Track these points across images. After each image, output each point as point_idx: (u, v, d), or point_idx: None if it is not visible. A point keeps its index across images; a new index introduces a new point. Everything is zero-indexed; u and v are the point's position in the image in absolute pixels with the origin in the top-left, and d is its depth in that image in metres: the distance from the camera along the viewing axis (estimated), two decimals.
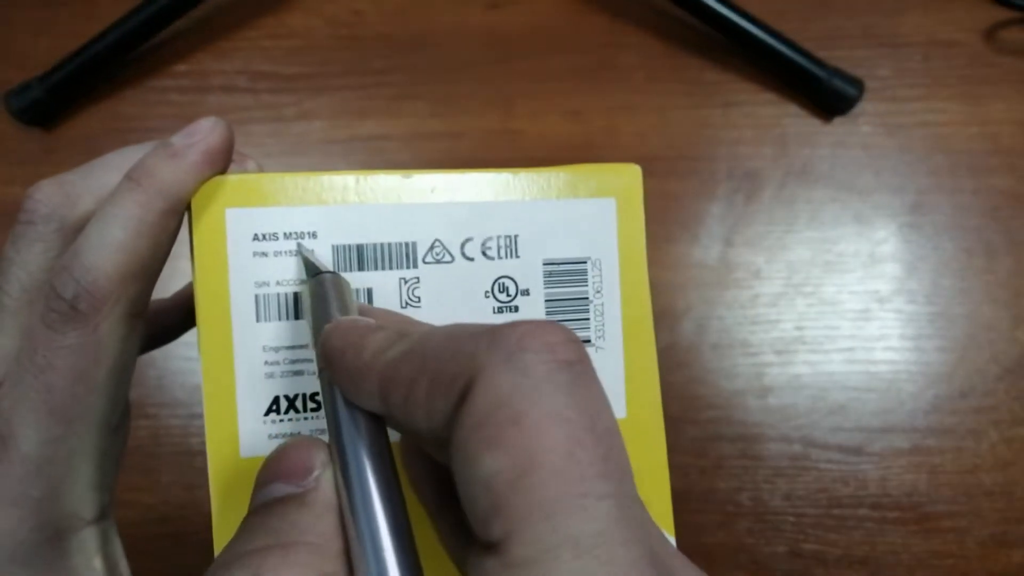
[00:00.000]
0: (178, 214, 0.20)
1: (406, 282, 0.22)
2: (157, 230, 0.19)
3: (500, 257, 0.22)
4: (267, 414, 0.21)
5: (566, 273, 0.23)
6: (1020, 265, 0.43)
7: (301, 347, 0.21)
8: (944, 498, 0.41)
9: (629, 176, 0.23)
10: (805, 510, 0.41)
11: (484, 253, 0.22)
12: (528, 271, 0.22)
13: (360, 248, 0.21)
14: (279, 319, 0.21)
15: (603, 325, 0.23)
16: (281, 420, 0.21)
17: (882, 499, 0.41)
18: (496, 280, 0.22)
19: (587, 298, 0.23)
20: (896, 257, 0.43)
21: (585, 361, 0.14)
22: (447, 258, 0.22)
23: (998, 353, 0.42)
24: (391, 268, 0.21)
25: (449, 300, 0.22)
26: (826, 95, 0.43)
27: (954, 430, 0.41)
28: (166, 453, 0.39)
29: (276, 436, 0.21)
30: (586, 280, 0.23)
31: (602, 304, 0.23)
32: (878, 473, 0.41)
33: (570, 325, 0.22)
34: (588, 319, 0.23)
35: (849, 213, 0.43)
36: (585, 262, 0.23)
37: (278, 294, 0.21)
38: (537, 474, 0.12)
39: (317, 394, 0.21)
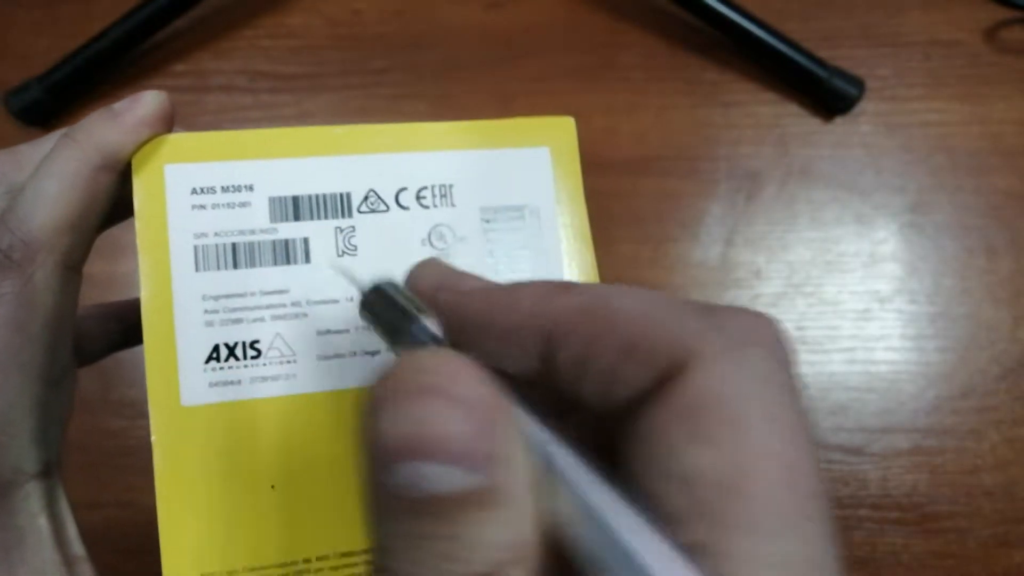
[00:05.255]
0: (114, 171, 0.21)
1: (342, 231, 0.22)
2: (91, 183, 0.20)
3: (435, 206, 0.23)
4: (207, 362, 0.21)
5: (504, 220, 0.23)
6: (1021, 265, 0.42)
7: (239, 296, 0.21)
8: (945, 498, 0.40)
9: (562, 128, 0.24)
10: None
11: (419, 202, 0.22)
12: (465, 219, 0.23)
13: (296, 199, 0.22)
14: (217, 268, 0.21)
15: (546, 272, 0.23)
16: (221, 368, 0.21)
17: (883, 499, 0.40)
18: (432, 228, 0.23)
19: (526, 244, 0.23)
20: (897, 257, 0.43)
21: (795, 360, 0.13)
22: (382, 207, 0.22)
23: (999, 353, 0.42)
24: (326, 218, 0.22)
25: (385, 248, 0.22)
26: (827, 94, 0.43)
27: (955, 430, 0.41)
28: None
29: (216, 384, 0.21)
30: (524, 226, 0.23)
31: (543, 250, 0.23)
32: (879, 473, 0.41)
33: (510, 270, 0.23)
34: (528, 266, 0.23)
35: (850, 213, 0.43)
36: (522, 208, 0.23)
37: (216, 244, 0.21)
38: (753, 484, 0.11)
39: (257, 342, 0.21)
